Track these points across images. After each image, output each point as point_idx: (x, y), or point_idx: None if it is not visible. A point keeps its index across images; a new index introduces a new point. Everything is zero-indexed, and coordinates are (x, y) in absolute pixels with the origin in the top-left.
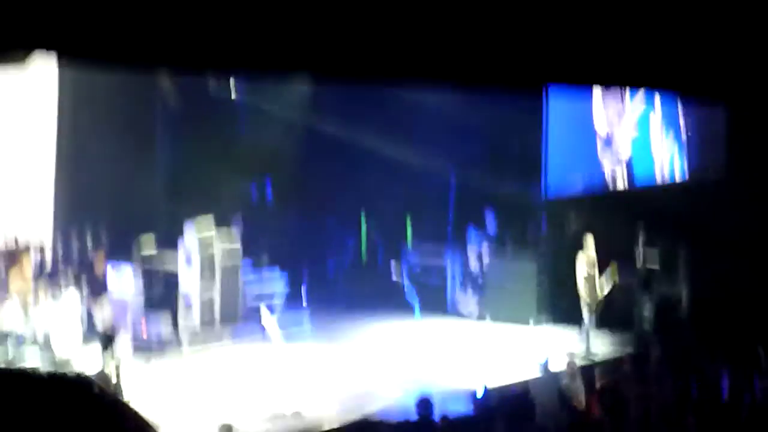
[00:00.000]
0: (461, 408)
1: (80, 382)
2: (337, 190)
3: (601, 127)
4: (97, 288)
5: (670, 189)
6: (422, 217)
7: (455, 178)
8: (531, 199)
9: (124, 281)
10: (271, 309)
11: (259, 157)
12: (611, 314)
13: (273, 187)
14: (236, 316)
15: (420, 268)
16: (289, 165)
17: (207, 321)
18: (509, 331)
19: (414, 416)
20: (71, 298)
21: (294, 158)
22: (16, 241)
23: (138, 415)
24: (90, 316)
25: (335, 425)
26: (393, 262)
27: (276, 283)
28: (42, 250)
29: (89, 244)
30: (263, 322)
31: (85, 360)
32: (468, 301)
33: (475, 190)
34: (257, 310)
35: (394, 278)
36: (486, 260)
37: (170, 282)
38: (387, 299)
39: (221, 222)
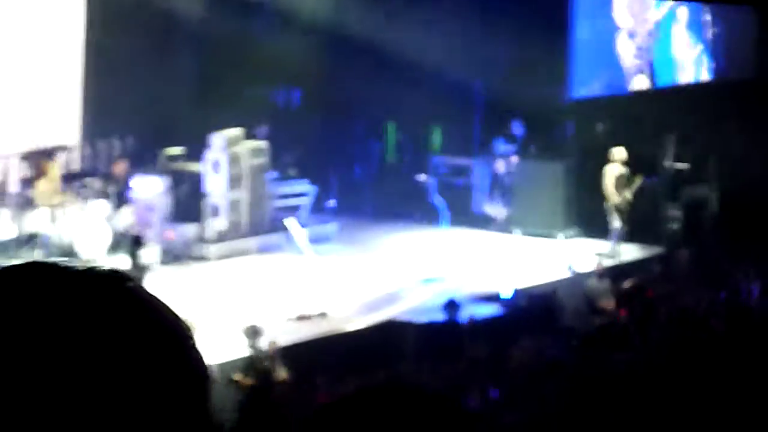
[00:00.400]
0: (488, 310)
1: (115, 276)
2: (364, 98)
3: (623, 19)
4: (123, 194)
5: (696, 89)
6: (449, 123)
7: (481, 84)
8: (557, 102)
9: (150, 188)
10: (299, 220)
11: (285, 64)
12: (640, 216)
13: (300, 95)
14: (264, 225)
15: (447, 169)
16: (315, 72)
17: (234, 228)
18: (537, 238)
19: (441, 318)
20: (98, 205)
21: (320, 65)
22: (43, 147)
23: (173, 312)
24: (116, 222)
25: (361, 326)
26: (420, 165)
27: (304, 194)
28: (69, 156)
29: (116, 151)
30: (291, 233)
31: (112, 263)
32: (494, 202)
33: (501, 95)
34: (285, 221)
35: (421, 179)
36: (513, 164)
37: (197, 189)
38: (414, 203)
39: (248, 132)
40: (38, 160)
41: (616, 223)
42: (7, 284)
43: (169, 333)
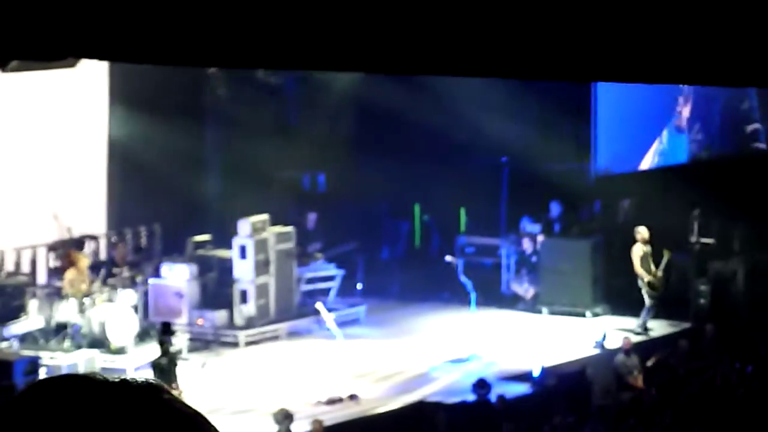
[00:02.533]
0: (519, 389)
1: (151, 388)
2: (390, 180)
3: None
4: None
5: (721, 162)
6: (475, 203)
7: (507, 164)
8: (583, 180)
9: (179, 275)
10: (327, 303)
11: (310, 148)
12: (668, 292)
13: (325, 179)
14: (292, 309)
15: (474, 249)
16: (340, 155)
17: (263, 313)
18: (565, 316)
19: (472, 398)
20: (126, 294)
21: (345, 148)
22: (72, 240)
23: (208, 422)
24: (146, 309)
25: (392, 408)
26: (447, 246)
27: (331, 277)
28: (97, 248)
29: (143, 242)
30: (320, 316)
31: (141, 351)
32: (522, 281)
33: (527, 174)
34: (314, 305)
35: (448, 260)
36: (540, 242)
37: (225, 275)
38: (441, 284)
39: (275, 218)
40: (67, 249)
41: (647, 299)
42: (46, 398)
43: None
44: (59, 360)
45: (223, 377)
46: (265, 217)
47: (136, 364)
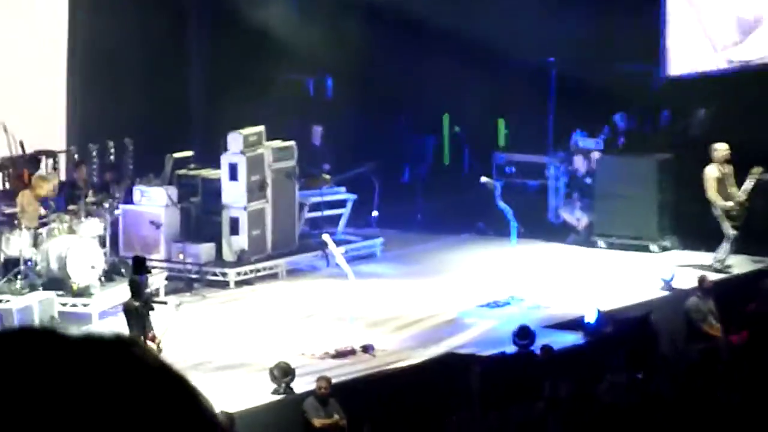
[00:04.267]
0: (568, 339)
1: (118, 343)
2: (413, 86)
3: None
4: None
5: None
6: (517, 114)
7: (555, 65)
8: (648, 85)
9: (155, 201)
10: (336, 235)
11: (316, 46)
12: (752, 222)
13: (334, 84)
14: (293, 243)
15: (515, 170)
16: (352, 55)
17: (257, 247)
18: (626, 251)
19: (511, 349)
20: (91, 223)
21: (358, 46)
22: (24, 157)
23: (189, 387)
24: (115, 241)
25: (414, 362)
26: (482, 166)
27: (341, 203)
28: (55, 167)
29: (112, 160)
30: (327, 251)
31: (108, 293)
32: (573, 208)
33: (579, 77)
34: (319, 237)
35: (483, 182)
36: (595, 160)
37: (212, 201)
38: (475, 211)
39: (273, 130)
40: (18, 169)
41: (728, 230)
42: None
43: (184, 406)
44: (9, 304)
45: (210, 324)
46: (260, 129)
47: (102, 307)
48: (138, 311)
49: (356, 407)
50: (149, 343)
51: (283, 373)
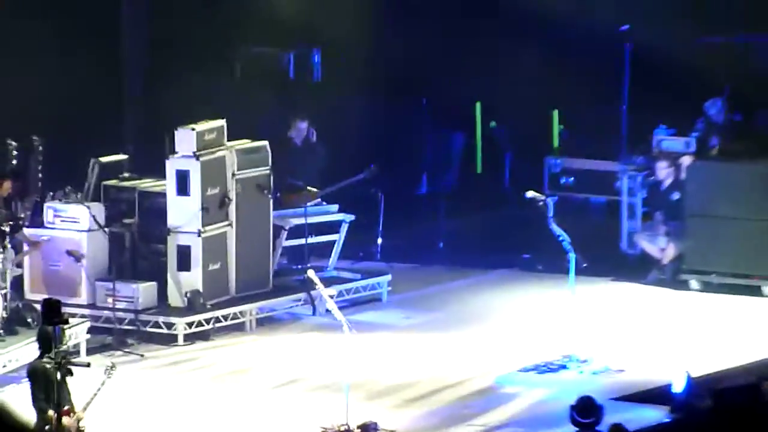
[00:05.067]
0: (648, 415)
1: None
2: (433, 66)
3: None
4: (21, 238)
5: None
6: (577, 103)
7: (630, 35)
8: (760, 60)
9: (75, 224)
10: (326, 270)
11: (297, 12)
12: None
13: (324, 59)
14: (265, 282)
15: (573, 180)
16: (348, 18)
17: (217, 287)
18: (729, 293)
19: (569, 429)
20: None
21: (357, 12)
22: None
23: None
24: (18, 280)
25: None
26: (528, 174)
27: (334, 226)
28: None
29: (13, 165)
30: (313, 292)
31: (10, 350)
32: (656, 233)
33: (663, 53)
34: (303, 273)
35: (530, 196)
36: (686, 166)
37: (154, 224)
38: (518, 236)
39: (239, 125)
40: None
41: None
42: None
43: None
44: None
45: (150, 395)
46: (220, 123)
47: (1, 371)
48: (49, 376)
49: None
50: (65, 421)
51: None
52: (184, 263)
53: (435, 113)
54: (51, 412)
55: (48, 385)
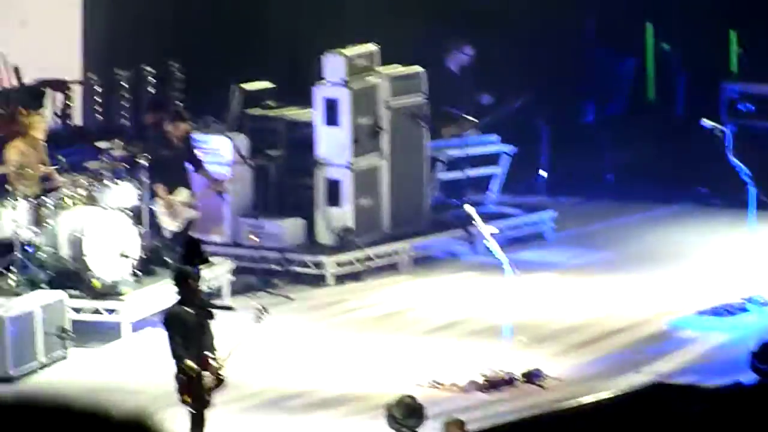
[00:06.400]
0: None
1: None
2: None
3: None
4: (169, 171)
5: None
6: (761, 22)
7: None
8: None
9: (216, 156)
10: (485, 204)
11: None
12: None
13: None
14: (421, 218)
15: (755, 107)
16: None
17: (369, 223)
18: None
19: (748, 376)
20: (121, 188)
21: None
22: (22, 89)
23: None
24: (153, 217)
25: (602, 395)
26: (705, 101)
27: (494, 158)
28: (66, 106)
29: (150, 94)
30: (472, 228)
31: (146, 293)
32: None
33: None
34: (461, 209)
35: (707, 126)
36: None
37: (300, 156)
38: (693, 168)
39: (392, 49)
40: (11, 106)
41: None
42: None
43: None
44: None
45: (298, 340)
46: (372, 48)
47: (136, 315)
48: (188, 321)
49: None
50: (205, 369)
51: (407, 413)
52: (333, 198)
53: (602, 35)
54: (188, 361)
55: (186, 331)
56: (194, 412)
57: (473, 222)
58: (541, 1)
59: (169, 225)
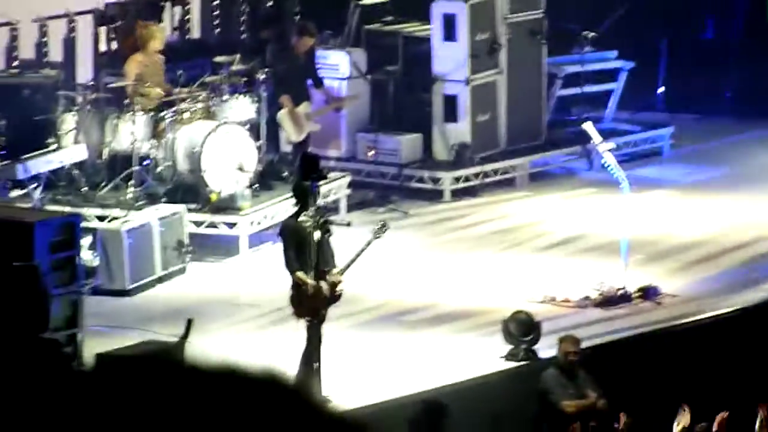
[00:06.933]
0: None
1: (274, 386)
2: None
3: None
4: (292, 85)
5: None
6: None
7: None
8: None
9: (333, 71)
10: (604, 121)
11: None
12: None
13: None
14: (539, 135)
15: None
16: None
17: (486, 139)
18: None
19: None
20: (239, 103)
21: None
22: (138, 2)
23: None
24: (273, 132)
25: (719, 312)
26: None
27: (612, 74)
28: (184, 19)
29: (267, 5)
30: (590, 145)
31: (264, 207)
32: None
33: None
34: (578, 125)
35: None
36: None
37: (417, 71)
38: None
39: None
40: (129, 20)
41: None
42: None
43: None
44: (117, 222)
45: (414, 254)
46: None
47: (253, 228)
48: (304, 235)
49: (618, 381)
50: (323, 284)
51: (523, 329)
52: (450, 114)
53: None
54: (300, 274)
55: (302, 245)
56: (309, 325)
57: (590, 138)
58: None
59: (292, 136)
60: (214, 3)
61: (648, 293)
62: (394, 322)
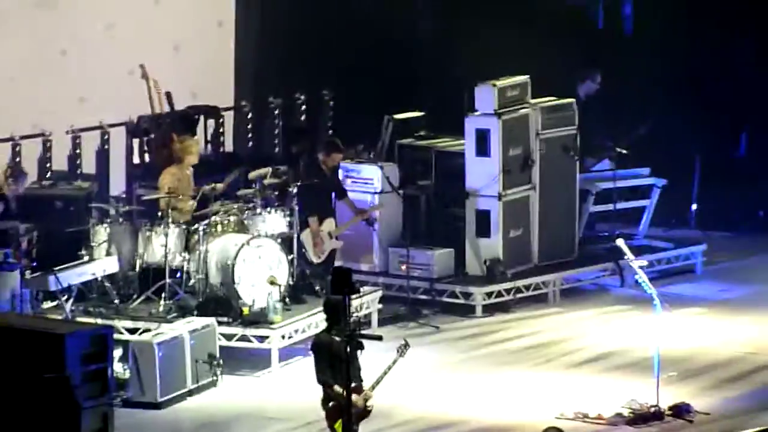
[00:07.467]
0: None
1: None
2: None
3: None
4: (318, 199)
5: None
6: None
7: None
8: None
9: (367, 185)
10: (635, 240)
11: None
12: None
13: (636, 13)
14: (571, 251)
15: None
16: None
17: (518, 255)
18: None
19: None
20: (272, 218)
21: None
22: (173, 115)
23: None
24: (301, 249)
25: (749, 431)
26: None
27: (645, 191)
28: (218, 132)
29: (301, 123)
30: (622, 262)
31: (295, 321)
32: None
33: None
34: (611, 242)
35: None
36: None
37: (450, 186)
38: None
39: (545, 80)
40: (163, 132)
41: None
42: None
43: None
44: (148, 335)
45: (447, 371)
46: (523, 79)
47: (284, 342)
48: (336, 350)
49: None
50: (353, 398)
51: None
52: (483, 229)
53: (762, 54)
54: (337, 387)
55: (334, 360)
56: None
57: (623, 255)
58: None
59: (313, 257)
60: (248, 116)
61: (680, 411)
62: None
